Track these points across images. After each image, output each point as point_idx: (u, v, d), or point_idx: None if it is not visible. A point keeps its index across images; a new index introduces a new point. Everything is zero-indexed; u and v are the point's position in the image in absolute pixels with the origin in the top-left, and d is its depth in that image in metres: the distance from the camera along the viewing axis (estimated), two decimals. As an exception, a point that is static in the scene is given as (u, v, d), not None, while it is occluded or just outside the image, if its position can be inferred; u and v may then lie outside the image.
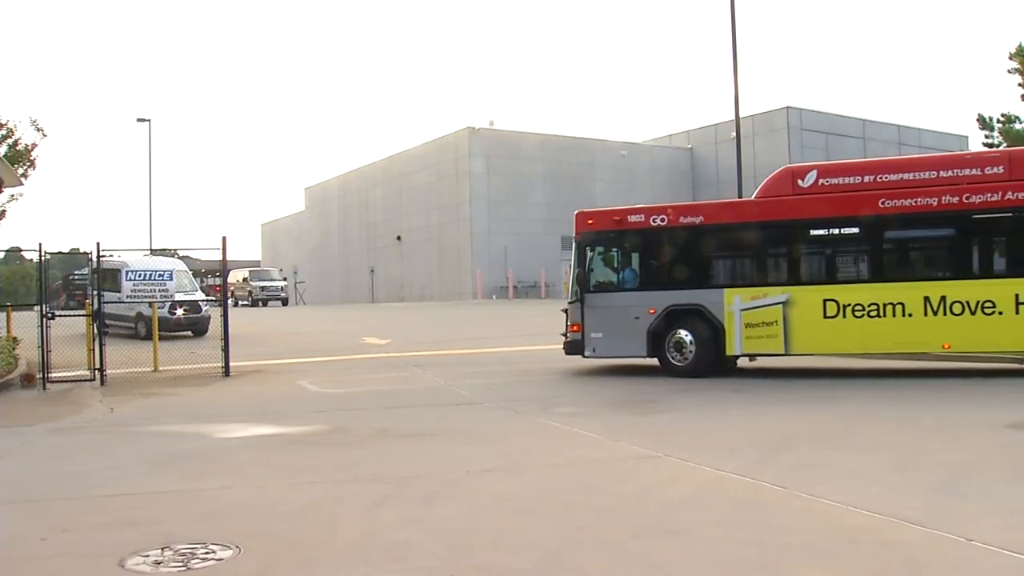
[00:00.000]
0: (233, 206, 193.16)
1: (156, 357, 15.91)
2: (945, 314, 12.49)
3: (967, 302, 12.39)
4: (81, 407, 12.11)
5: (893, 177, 13.26)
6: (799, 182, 13.65)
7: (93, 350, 14.80)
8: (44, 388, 14.03)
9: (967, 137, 48.28)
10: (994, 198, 12.46)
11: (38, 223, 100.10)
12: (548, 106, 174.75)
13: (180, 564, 5.00)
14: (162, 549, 5.25)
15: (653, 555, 5.02)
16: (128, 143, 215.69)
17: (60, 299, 42.55)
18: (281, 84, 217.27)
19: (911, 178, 13.17)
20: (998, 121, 27.96)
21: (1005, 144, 27.99)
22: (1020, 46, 26.29)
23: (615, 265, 14.85)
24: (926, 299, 12.58)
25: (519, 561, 4.94)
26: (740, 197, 22.18)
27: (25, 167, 23.29)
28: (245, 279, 48.17)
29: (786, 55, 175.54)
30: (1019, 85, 26.79)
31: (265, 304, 46.40)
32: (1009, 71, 27.07)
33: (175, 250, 28.10)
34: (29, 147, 23.69)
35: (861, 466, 7.26)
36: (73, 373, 14.59)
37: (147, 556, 5.13)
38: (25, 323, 16.43)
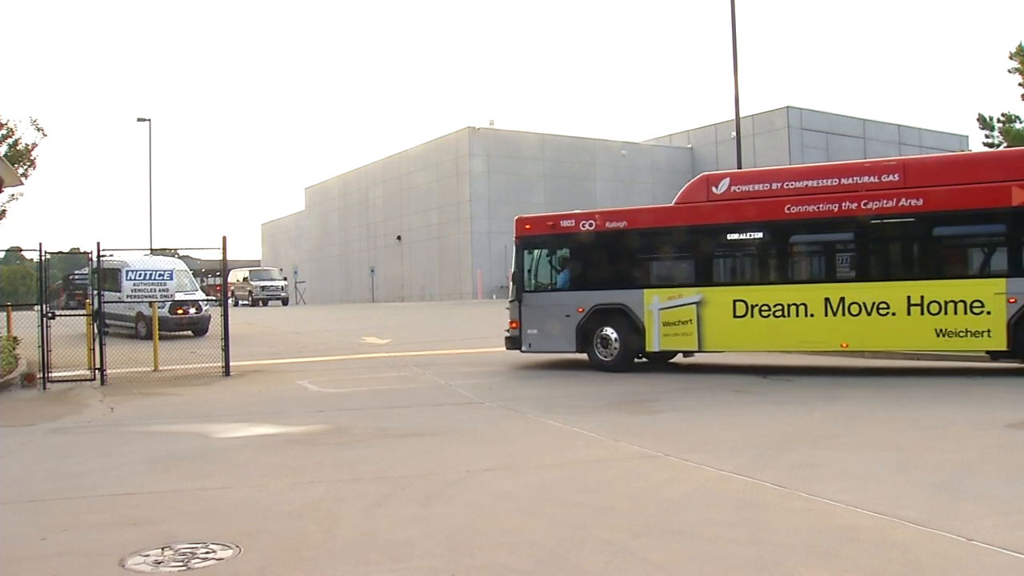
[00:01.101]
0: (233, 206, 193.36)
1: (156, 357, 15.92)
2: (844, 314, 13.16)
3: (864, 303, 13.05)
4: (81, 407, 12.12)
5: (798, 184, 13.96)
6: (713, 189, 14.43)
7: (93, 350, 14.81)
8: (44, 388, 14.03)
9: (967, 137, 48.31)
10: (889, 204, 13.10)
11: (38, 223, 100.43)
12: (548, 106, 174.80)
13: (180, 564, 5.01)
14: (162, 549, 5.26)
15: (653, 555, 5.02)
16: (128, 143, 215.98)
17: (60, 299, 42.59)
18: (281, 84, 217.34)
19: (815, 185, 13.84)
20: (998, 121, 27.96)
21: (1005, 143, 28.00)
22: (1020, 46, 26.29)
23: (549, 267, 15.87)
24: (827, 300, 13.26)
25: (519, 561, 4.94)
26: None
27: (25, 167, 23.29)
28: (245, 279, 48.20)
29: (786, 55, 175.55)
30: (1019, 85, 26.79)
31: (265, 304, 46.42)
32: (1009, 71, 27.08)
33: (175, 250, 28.05)
34: (29, 147, 23.71)
35: (861, 466, 7.26)
36: (73, 373, 14.59)
37: (147, 556, 5.14)
38: (25, 323, 16.45)
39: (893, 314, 12.90)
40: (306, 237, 65.11)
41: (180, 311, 22.60)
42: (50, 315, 14.83)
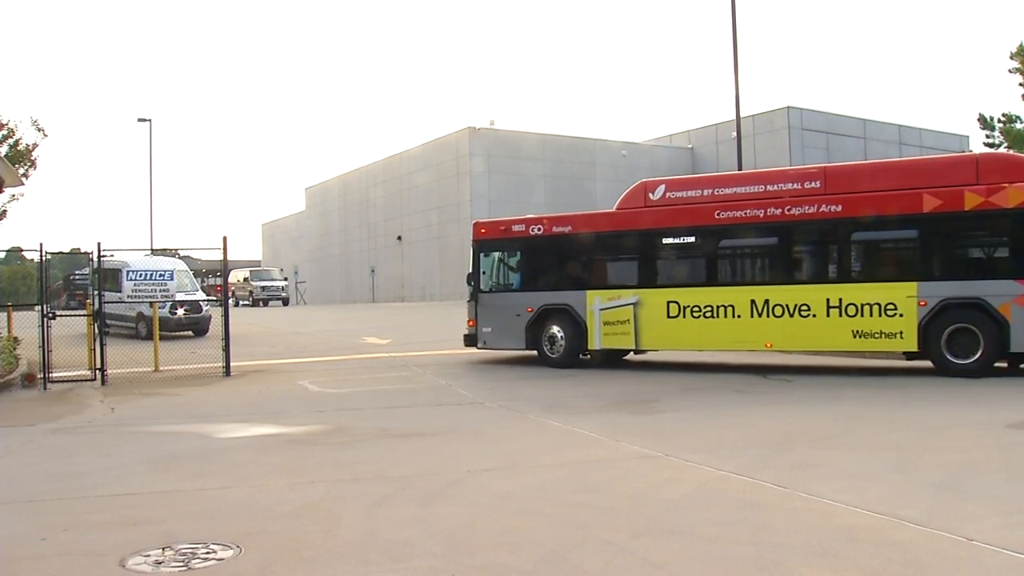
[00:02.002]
0: (233, 206, 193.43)
1: (157, 357, 15.92)
2: (768, 316, 13.70)
3: (787, 305, 13.58)
4: (82, 407, 12.12)
5: (727, 191, 14.55)
6: (650, 195, 15.14)
7: (94, 350, 14.81)
8: (45, 388, 14.04)
9: (968, 137, 48.25)
10: (811, 210, 13.60)
11: (39, 223, 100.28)
12: (548, 106, 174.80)
13: (181, 564, 5.01)
14: (163, 549, 5.26)
15: (653, 555, 5.02)
16: (128, 143, 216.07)
17: (61, 299, 42.59)
18: (281, 84, 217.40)
19: (743, 191, 14.42)
20: (999, 121, 27.92)
21: (1006, 143, 27.98)
22: (1021, 46, 26.27)
23: (502, 269, 16.81)
24: (752, 302, 13.82)
25: (519, 561, 4.94)
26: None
27: (26, 167, 23.28)
28: (246, 279, 48.21)
29: (786, 55, 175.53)
30: (1020, 85, 26.77)
31: (266, 304, 46.42)
32: (1010, 71, 27.05)
33: (176, 250, 28.11)
34: (30, 147, 23.68)
35: (861, 466, 7.26)
36: (74, 373, 14.59)
37: (148, 556, 5.14)
38: (26, 323, 16.45)
39: (814, 315, 13.38)
40: (306, 237, 65.11)
41: (181, 311, 22.60)
42: (51, 315, 14.84)
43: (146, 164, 60.66)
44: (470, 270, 16.77)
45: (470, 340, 16.57)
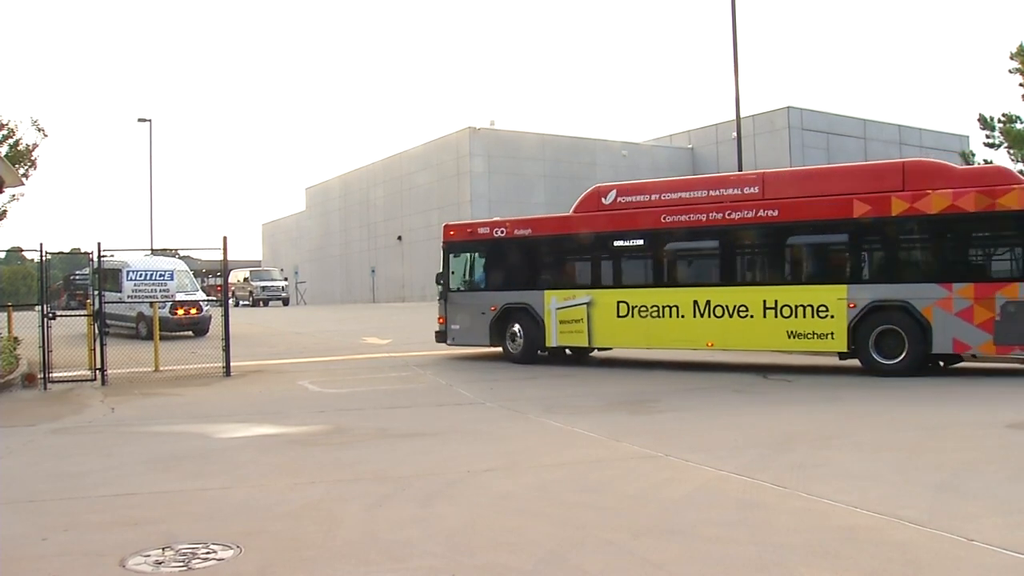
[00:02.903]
0: (234, 206, 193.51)
1: (157, 357, 15.92)
2: (710, 316, 14.25)
3: (727, 306, 14.12)
4: (82, 407, 12.12)
5: (673, 196, 15.17)
6: (603, 199, 15.75)
7: (94, 350, 14.80)
8: (45, 388, 14.03)
9: (968, 137, 48.14)
10: (749, 215, 14.12)
11: (39, 223, 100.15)
12: (548, 106, 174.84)
13: (181, 564, 5.01)
14: (163, 549, 5.26)
15: (653, 555, 5.02)
16: (128, 143, 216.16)
17: (61, 299, 42.60)
18: (281, 84, 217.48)
19: (688, 196, 15.00)
20: (999, 121, 27.89)
21: (1006, 144, 27.95)
22: (1021, 46, 26.25)
23: (469, 269, 17.50)
24: (695, 303, 14.37)
25: (519, 561, 4.94)
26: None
27: (26, 167, 23.24)
28: (246, 279, 48.20)
29: (786, 55, 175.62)
30: (1020, 85, 26.76)
31: (266, 304, 46.42)
32: (1010, 71, 27.03)
33: (176, 250, 28.10)
34: (30, 147, 23.64)
35: (861, 466, 7.26)
36: (74, 373, 14.59)
37: (148, 556, 5.14)
38: (26, 323, 16.44)
39: (751, 316, 13.88)
40: (307, 237, 65.10)
41: (181, 311, 22.61)
42: (51, 315, 14.83)
43: (146, 164, 60.67)
44: (440, 270, 17.63)
45: (440, 337, 17.39)
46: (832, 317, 13.26)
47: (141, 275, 17.22)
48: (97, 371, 14.51)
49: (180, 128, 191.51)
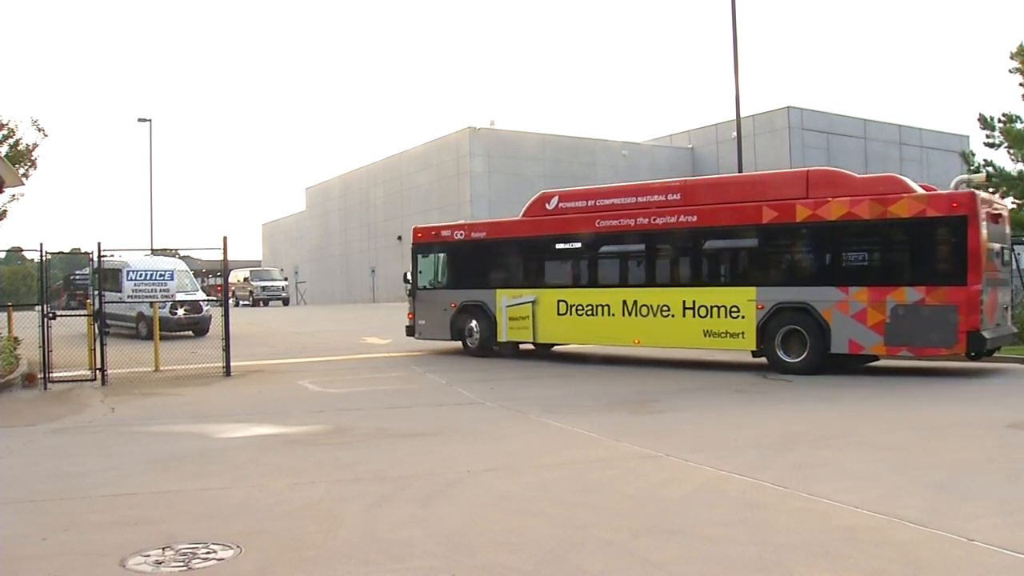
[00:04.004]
0: (234, 206, 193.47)
1: (157, 357, 15.92)
2: (636, 315, 15.17)
3: (651, 306, 15.04)
4: (82, 407, 12.11)
5: (607, 202, 16.09)
6: (547, 205, 16.84)
7: (94, 350, 14.79)
8: (45, 388, 14.03)
9: (968, 136, 48.12)
10: (671, 220, 14.96)
11: (39, 223, 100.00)
12: (548, 106, 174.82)
13: (181, 564, 5.01)
14: (163, 549, 5.26)
15: (654, 555, 5.02)
16: (129, 143, 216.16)
17: (61, 299, 42.62)
18: (281, 84, 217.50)
19: (619, 202, 15.88)
20: (999, 121, 27.87)
21: (1006, 143, 27.93)
22: (1021, 46, 26.24)
23: (433, 269, 18.60)
24: (624, 302, 15.33)
25: (520, 561, 4.94)
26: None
27: (26, 167, 23.21)
28: (246, 279, 48.19)
29: (786, 55, 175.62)
30: (1020, 85, 26.75)
31: (266, 304, 46.41)
32: (1010, 71, 27.02)
33: (176, 250, 28.12)
34: (30, 147, 23.61)
35: (862, 466, 7.26)
36: (74, 373, 14.58)
37: (148, 556, 5.14)
38: (26, 323, 16.42)
39: (672, 316, 14.77)
40: (307, 237, 65.08)
41: (181, 311, 22.60)
42: (51, 315, 14.81)
43: (146, 164, 60.65)
44: (411, 270, 18.93)
45: (409, 331, 18.84)
46: (743, 317, 14.01)
47: (141, 275, 17.19)
48: (97, 371, 14.51)
49: (180, 128, 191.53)
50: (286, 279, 51.81)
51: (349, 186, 58.34)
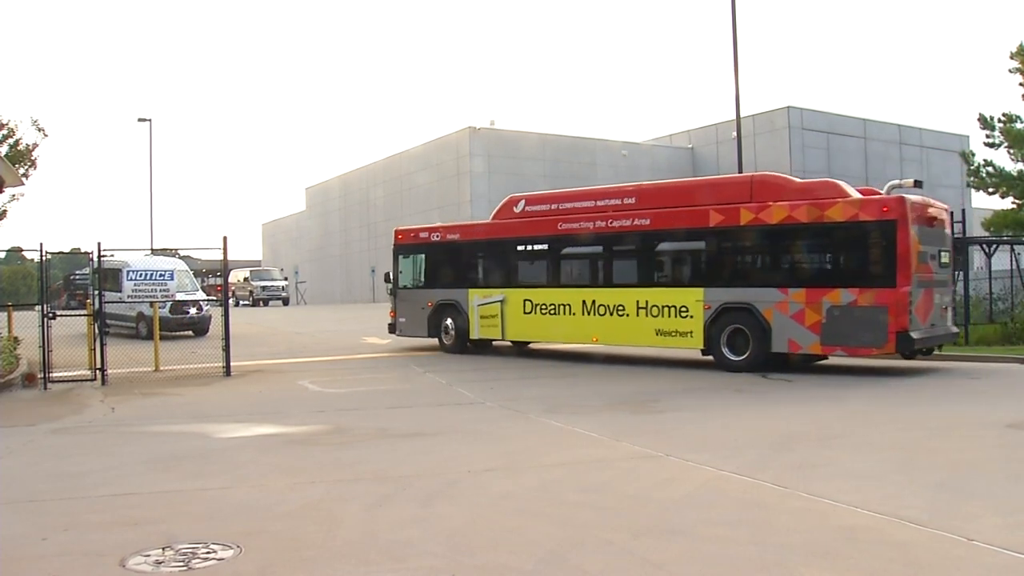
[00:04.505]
0: (234, 206, 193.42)
1: (157, 357, 15.91)
2: (595, 314, 15.78)
3: (608, 305, 15.62)
4: (82, 407, 12.11)
5: (568, 205, 16.82)
6: (514, 208, 17.63)
7: (94, 350, 14.79)
8: (45, 388, 14.03)
9: (968, 136, 48.14)
10: (626, 223, 15.58)
11: (39, 223, 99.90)
12: (549, 106, 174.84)
13: (181, 564, 5.01)
14: (163, 549, 5.26)
15: (654, 555, 5.02)
16: (129, 143, 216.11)
17: (61, 299, 42.61)
18: (281, 84, 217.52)
19: (579, 206, 16.59)
20: (999, 121, 27.89)
21: (1006, 143, 27.91)
22: (1021, 45, 26.26)
23: (413, 269, 19.49)
24: (583, 302, 15.96)
25: (520, 561, 4.94)
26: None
27: (26, 167, 23.19)
28: (246, 279, 48.19)
29: (786, 55, 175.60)
30: (1020, 84, 26.76)
31: (266, 304, 46.41)
32: (1010, 70, 27.03)
33: (176, 250, 28.13)
34: (30, 147, 23.59)
35: (862, 466, 7.26)
36: (74, 373, 14.58)
37: (148, 556, 5.13)
38: (26, 323, 16.42)
39: (627, 315, 15.34)
40: (307, 237, 65.09)
41: (181, 311, 22.60)
42: (51, 315, 14.80)
43: (146, 164, 60.64)
44: (392, 269, 19.81)
45: (391, 328, 19.71)
46: (691, 317, 14.55)
47: (141, 275, 17.24)
48: (97, 371, 14.50)
49: (180, 128, 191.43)
50: (286, 279, 51.80)
51: (349, 186, 58.33)
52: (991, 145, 28.44)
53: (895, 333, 12.63)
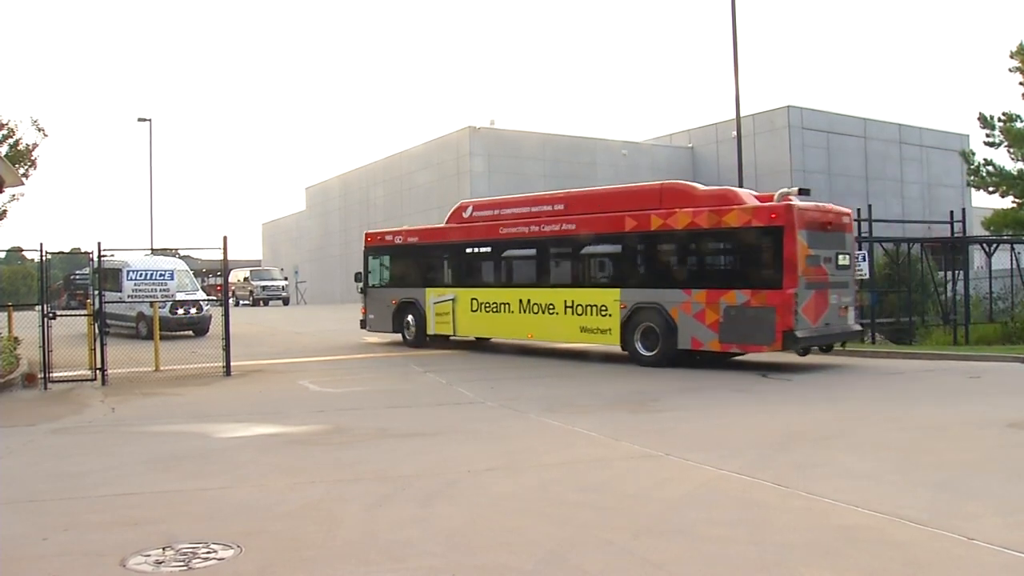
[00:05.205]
0: (234, 206, 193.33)
1: (157, 357, 15.91)
2: (530, 312, 17.06)
3: (540, 304, 16.88)
4: (82, 407, 12.11)
5: (508, 211, 18.12)
6: (464, 214, 19.20)
7: (94, 350, 14.78)
8: (45, 388, 14.02)
9: (968, 136, 48.10)
10: (556, 228, 16.80)
11: (39, 223, 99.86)
12: (549, 105, 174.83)
13: (181, 564, 5.01)
14: (163, 549, 5.26)
15: (654, 554, 5.02)
16: (129, 143, 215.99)
17: (61, 299, 42.60)
18: (281, 84, 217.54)
19: (518, 212, 17.85)
20: (999, 120, 27.90)
21: (1006, 143, 27.91)
22: (1021, 45, 26.26)
23: (380, 269, 20.98)
24: (520, 301, 17.24)
25: (520, 560, 4.94)
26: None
27: (26, 167, 23.18)
28: (246, 279, 48.19)
29: (786, 55, 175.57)
30: (1020, 84, 26.76)
31: (266, 304, 46.41)
32: (1010, 70, 27.04)
33: (176, 250, 28.10)
34: (30, 147, 23.57)
35: (862, 465, 7.26)
36: (74, 373, 14.57)
37: (148, 556, 5.14)
38: (26, 323, 16.42)
39: (557, 313, 16.57)
40: (307, 237, 65.07)
41: (181, 311, 22.59)
42: (51, 315, 14.79)
43: (146, 164, 60.63)
44: (363, 270, 21.12)
45: (362, 324, 21.17)
46: (610, 316, 15.63)
47: (141, 275, 17.16)
48: (97, 371, 14.50)
49: (180, 128, 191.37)
50: (286, 279, 51.79)
51: (349, 186, 58.32)
52: (991, 144, 28.45)
53: (782, 332, 13.38)
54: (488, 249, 18.36)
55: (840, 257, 14.49)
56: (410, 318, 19.77)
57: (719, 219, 14.28)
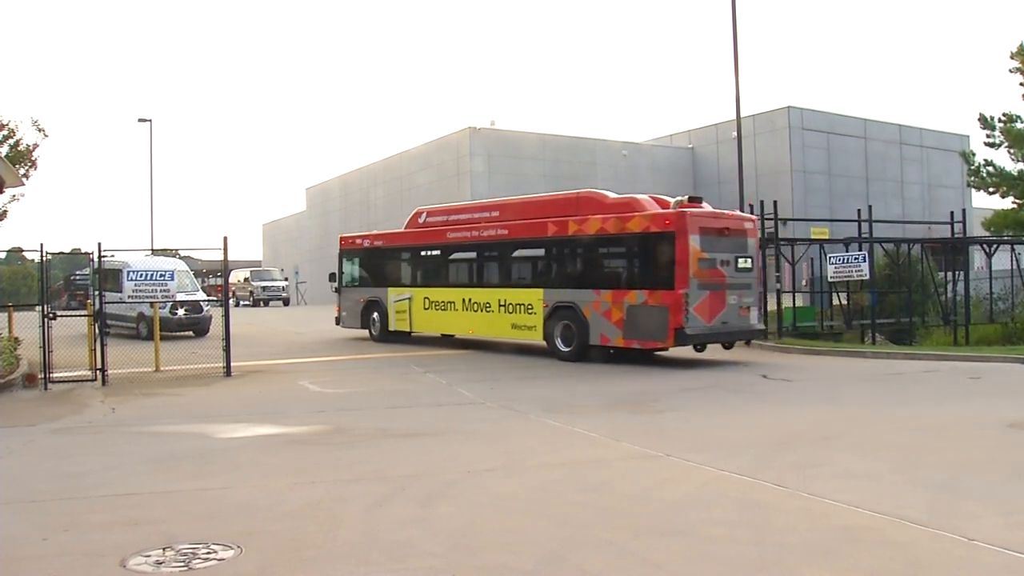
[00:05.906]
0: (234, 206, 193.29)
1: (157, 357, 15.91)
2: (470, 310, 18.46)
3: (479, 303, 18.23)
4: (82, 407, 12.10)
5: (455, 217, 19.86)
6: (419, 219, 20.83)
7: (94, 350, 14.77)
8: (46, 388, 14.02)
9: (968, 136, 48.10)
10: (491, 233, 18.24)
11: (39, 223, 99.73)
12: (549, 106, 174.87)
13: (181, 564, 5.01)
14: (163, 549, 5.26)
15: (654, 555, 5.02)
16: (129, 143, 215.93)
17: (62, 299, 42.56)
18: (282, 84, 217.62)
19: (463, 218, 19.51)
20: (999, 120, 27.90)
21: (1006, 143, 27.90)
22: (1021, 45, 26.26)
23: (351, 270, 22.66)
24: (463, 300, 18.67)
25: (520, 561, 4.94)
26: (741, 196, 22.34)
27: (27, 167, 23.17)
28: (246, 279, 48.19)
29: (786, 55, 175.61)
30: (1020, 84, 26.75)
31: (266, 304, 46.42)
32: (1010, 70, 27.04)
33: (176, 250, 28.19)
34: (30, 147, 23.56)
35: (862, 465, 7.26)
36: (74, 373, 14.57)
37: (148, 556, 5.14)
38: (27, 323, 16.42)
39: (492, 312, 17.88)
40: (307, 237, 65.07)
41: (181, 311, 22.59)
42: (51, 315, 14.78)
43: (146, 164, 60.66)
44: (335, 271, 22.79)
45: (337, 321, 22.77)
46: (535, 314, 16.94)
47: (141, 275, 17.13)
48: (97, 371, 14.49)
49: (180, 128, 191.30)
50: (286, 279, 51.81)
51: (349, 186, 58.33)
52: (991, 145, 28.44)
53: (674, 329, 14.42)
54: (438, 252, 19.88)
55: (740, 260, 15.38)
56: (375, 315, 21.24)
57: (623, 225, 15.48)
